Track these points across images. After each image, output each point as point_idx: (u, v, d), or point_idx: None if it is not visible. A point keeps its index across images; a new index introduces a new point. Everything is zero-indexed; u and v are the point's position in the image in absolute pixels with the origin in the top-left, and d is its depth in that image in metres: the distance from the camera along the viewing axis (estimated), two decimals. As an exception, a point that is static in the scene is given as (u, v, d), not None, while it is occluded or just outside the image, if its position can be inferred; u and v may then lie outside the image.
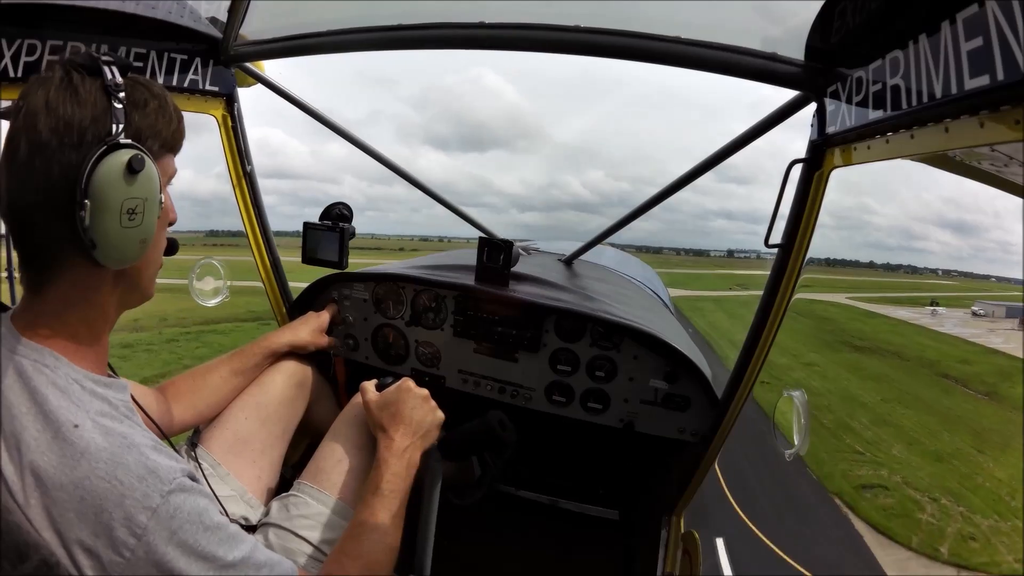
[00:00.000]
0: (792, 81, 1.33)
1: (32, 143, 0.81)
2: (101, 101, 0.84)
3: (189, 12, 1.67)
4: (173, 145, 0.97)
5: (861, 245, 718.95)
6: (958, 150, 0.94)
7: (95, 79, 0.85)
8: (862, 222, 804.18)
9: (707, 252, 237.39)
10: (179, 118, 0.97)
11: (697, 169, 1.73)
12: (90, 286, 0.89)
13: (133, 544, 0.77)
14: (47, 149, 0.81)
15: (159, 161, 0.92)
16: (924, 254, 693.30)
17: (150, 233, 0.89)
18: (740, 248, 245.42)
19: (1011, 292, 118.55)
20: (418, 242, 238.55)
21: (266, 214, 2.00)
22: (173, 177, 0.99)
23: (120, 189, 0.84)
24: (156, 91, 0.93)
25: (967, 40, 0.77)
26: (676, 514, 1.98)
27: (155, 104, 0.91)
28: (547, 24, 1.45)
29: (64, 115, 0.82)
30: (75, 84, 0.83)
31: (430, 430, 1.34)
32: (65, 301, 0.88)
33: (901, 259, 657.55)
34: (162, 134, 0.93)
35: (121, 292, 0.95)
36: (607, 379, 1.84)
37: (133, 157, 0.84)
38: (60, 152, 0.81)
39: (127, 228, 0.86)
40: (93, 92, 0.84)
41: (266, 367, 1.61)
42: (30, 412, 0.80)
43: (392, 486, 1.22)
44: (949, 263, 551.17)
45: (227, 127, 1.85)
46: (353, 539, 1.16)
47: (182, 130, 0.98)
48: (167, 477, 0.81)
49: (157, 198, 0.89)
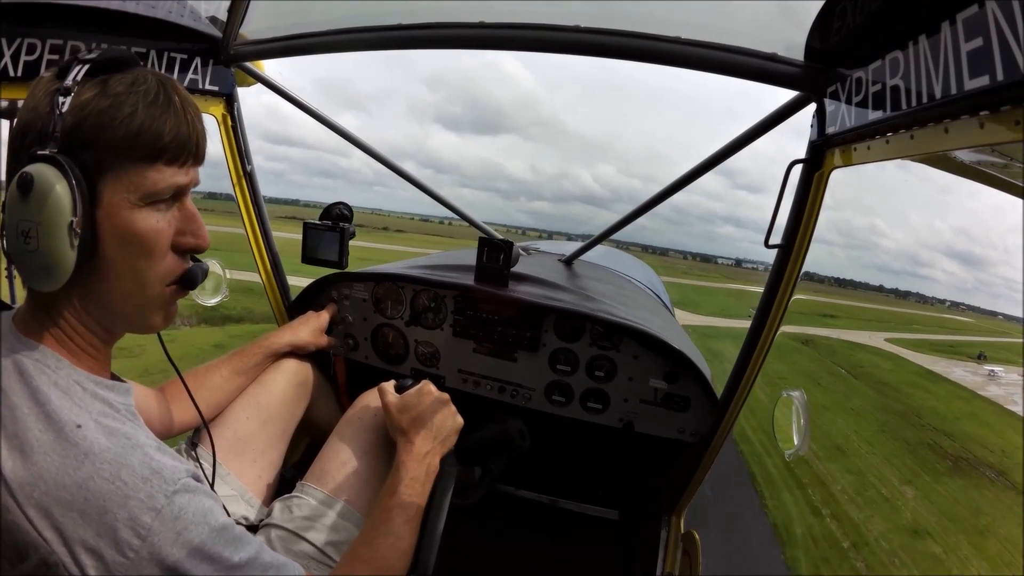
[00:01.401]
0: (792, 81, 1.33)
1: (9, 143, 0.82)
2: (44, 105, 0.78)
3: (189, 12, 1.67)
4: (142, 153, 0.81)
5: (868, 266, 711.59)
6: (958, 150, 0.94)
7: (54, 81, 0.80)
8: (871, 243, 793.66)
9: (715, 258, 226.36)
10: (151, 117, 0.81)
11: (697, 169, 1.73)
12: (62, 301, 0.85)
13: (137, 545, 0.76)
14: (11, 153, 0.81)
15: (117, 172, 0.80)
16: (928, 281, 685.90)
17: (55, 259, 0.77)
18: (748, 258, 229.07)
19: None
20: (419, 222, 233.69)
21: (266, 214, 2.00)
22: (160, 190, 0.83)
23: (14, 209, 0.77)
24: (118, 89, 0.80)
25: (967, 40, 0.77)
26: (676, 514, 1.98)
27: (106, 103, 0.79)
28: (547, 24, 1.45)
29: (20, 119, 0.80)
30: (33, 86, 0.80)
31: (450, 435, 1.32)
32: (62, 305, 0.86)
33: (905, 284, 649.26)
34: (106, 139, 0.79)
35: (103, 315, 0.87)
36: (607, 379, 1.84)
37: (22, 175, 0.75)
38: (9, 158, 0.80)
39: (26, 251, 0.78)
40: (44, 96, 0.79)
41: (266, 367, 1.61)
42: (32, 412, 0.79)
43: (410, 491, 1.20)
44: (954, 294, 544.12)
45: (227, 127, 1.85)
46: (366, 543, 1.14)
47: (158, 131, 0.81)
48: (172, 478, 0.81)
49: (59, 221, 0.76)
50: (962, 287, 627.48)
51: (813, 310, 73.59)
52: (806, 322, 60.91)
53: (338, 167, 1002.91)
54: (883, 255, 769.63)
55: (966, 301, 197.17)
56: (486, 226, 2.19)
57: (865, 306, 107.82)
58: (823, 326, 58.61)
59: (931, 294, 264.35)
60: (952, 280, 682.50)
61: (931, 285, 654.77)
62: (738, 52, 1.34)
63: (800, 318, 62.36)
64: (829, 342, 54.21)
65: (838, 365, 52.46)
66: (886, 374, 52.74)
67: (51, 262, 0.78)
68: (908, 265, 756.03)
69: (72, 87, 0.78)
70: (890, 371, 54.73)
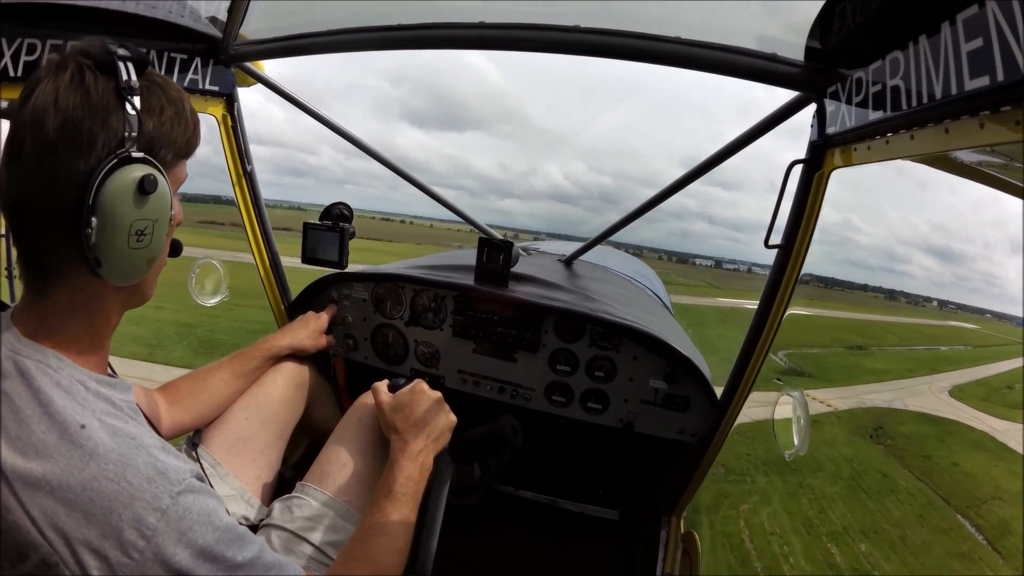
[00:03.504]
0: (792, 82, 1.33)
1: (39, 142, 0.77)
2: (114, 105, 0.79)
3: (189, 12, 1.67)
4: (187, 152, 0.93)
5: (842, 262, 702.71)
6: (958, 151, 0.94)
7: (109, 79, 0.80)
8: (844, 238, 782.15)
9: (692, 259, 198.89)
10: (195, 123, 0.92)
11: (698, 169, 1.73)
12: (92, 295, 0.87)
13: (142, 546, 0.76)
14: (54, 152, 0.77)
15: (171, 171, 0.89)
16: (904, 277, 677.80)
17: (158, 252, 0.87)
18: (728, 258, 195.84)
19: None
20: (379, 221, 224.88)
21: (266, 214, 2.00)
22: (184, 181, 0.95)
23: (129, 210, 0.80)
24: (173, 95, 0.88)
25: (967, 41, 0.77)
26: (676, 514, 1.98)
27: (171, 111, 0.86)
28: (547, 24, 1.45)
29: (73, 117, 0.77)
30: (87, 84, 0.78)
31: (443, 433, 1.33)
32: (67, 306, 0.86)
33: (882, 280, 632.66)
34: (176, 143, 0.88)
35: (123, 298, 0.92)
36: (607, 379, 1.84)
37: (146, 177, 0.80)
38: (67, 158, 0.77)
39: (135, 249, 0.83)
40: (106, 95, 0.79)
41: (266, 369, 1.61)
42: (35, 414, 0.79)
43: (405, 489, 1.20)
44: (931, 289, 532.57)
45: (227, 127, 1.85)
46: (362, 541, 1.15)
47: (198, 136, 0.93)
48: (176, 478, 0.81)
49: (168, 217, 0.86)
50: (939, 282, 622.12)
51: (834, 337, 51.47)
52: (841, 364, 42.25)
53: (307, 164, 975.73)
54: (858, 251, 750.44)
55: (954, 299, 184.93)
56: (486, 226, 2.20)
57: (879, 320, 74.14)
58: (866, 375, 37.50)
59: (918, 292, 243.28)
60: (928, 275, 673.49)
61: (907, 281, 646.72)
62: (738, 52, 1.34)
63: (839, 360, 42.72)
64: (902, 425, 29.02)
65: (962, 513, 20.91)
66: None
67: (154, 256, 0.87)
68: (885, 261, 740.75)
69: (136, 87, 0.81)
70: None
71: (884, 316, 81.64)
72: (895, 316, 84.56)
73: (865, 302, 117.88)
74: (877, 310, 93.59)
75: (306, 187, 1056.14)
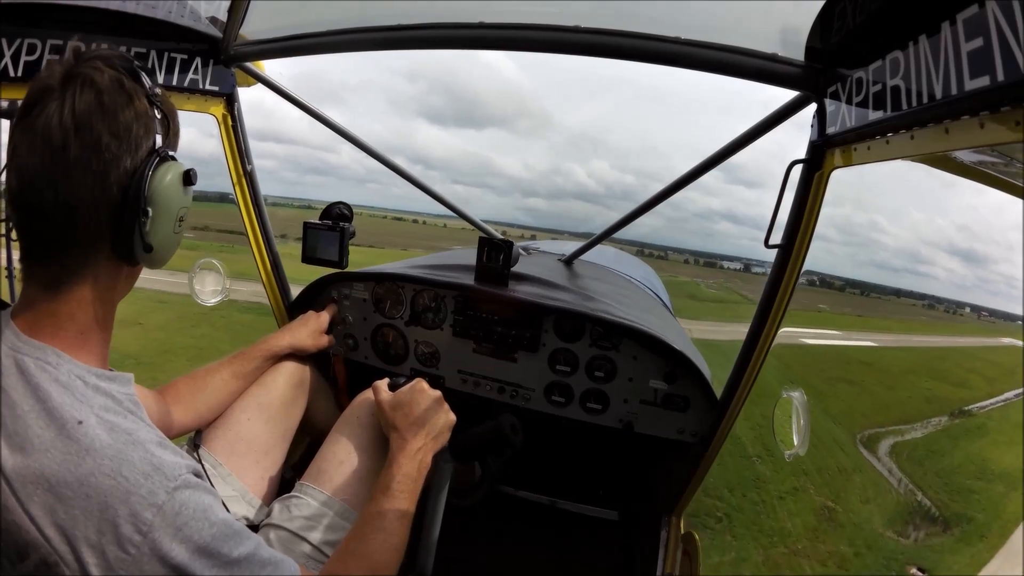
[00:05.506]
0: (792, 81, 1.33)
1: (87, 143, 0.81)
2: (149, 110, 0.89)
3: (189, 12, 1.67)
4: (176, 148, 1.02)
5: (866, 263, 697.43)
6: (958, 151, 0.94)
7: (141, 87, 0.88)
8: (870, 240, 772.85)
9: (719, 262, 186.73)
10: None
11: (699, 168, 1.73)
12: (108, 284, 0.91)
13: (139, 541, 0.77)
14: (107, 151, 0.83)
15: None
16: (928, 279, 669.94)
17: (180, 238, 0.99)
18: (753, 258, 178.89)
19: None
20: (392, 221, 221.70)
21: (266, 214, 2.00)
22: None
23: (178, 198, 0.93)
24: (168, 97, 0.97)
25: (967, 41, 0.77)
26: (676, 514, 1.98)
27: (173, 112, 0.97)
28: (547, 24, 1.45)
29: (123, 120, 0.85)
30: (128, 90, 0.86)
31: (442, 432, 1.33)
32: (82, 298, 0.88)
33: (904, 282, 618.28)
34: (178, 139, 0.99)
35: (127, 288, 0.98)
36: (606, 379, 1.84)
37: (190, 170, 0.94)
38: (120, 156, 0.85)
39: (176, 234, 0.96)
40: (143, 100, 0.88)
41: (266, 369, 1.61)
42: (33, 410, 0.80)
43: (402, 487, 1.21)
44: (956, 292, 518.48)
45: (227, 127, 1.85)
46: (359, 538, 1.15)
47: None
48: (172, 474, 0.82)
49: (190, 204, 0.99)
50: (962, 284, 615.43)
51: (918, 391, 27.29)
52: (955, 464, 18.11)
53: (327, 163, 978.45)
54: (882, 252, 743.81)
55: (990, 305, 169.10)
56: (486, 225, 2.19)
57: (947, 344, 48.23)
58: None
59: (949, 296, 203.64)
60: (952, 278, 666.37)
61: (931, 283, 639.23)
62: (738, 52, 1.34)
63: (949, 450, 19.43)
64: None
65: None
66: None
67: (180, 240, 0.98)
68: (909, 263, 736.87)
69: (159, 93, 0.92)
70: None
71: (944, 337, 52.61)
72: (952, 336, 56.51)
73: (905, 312, 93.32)
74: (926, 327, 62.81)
75: (327, 185, 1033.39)
